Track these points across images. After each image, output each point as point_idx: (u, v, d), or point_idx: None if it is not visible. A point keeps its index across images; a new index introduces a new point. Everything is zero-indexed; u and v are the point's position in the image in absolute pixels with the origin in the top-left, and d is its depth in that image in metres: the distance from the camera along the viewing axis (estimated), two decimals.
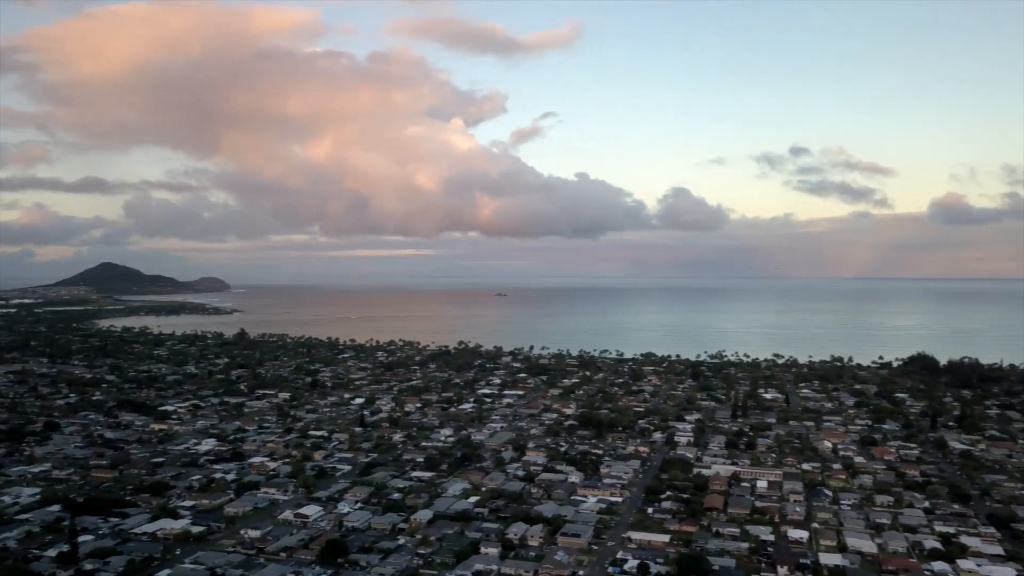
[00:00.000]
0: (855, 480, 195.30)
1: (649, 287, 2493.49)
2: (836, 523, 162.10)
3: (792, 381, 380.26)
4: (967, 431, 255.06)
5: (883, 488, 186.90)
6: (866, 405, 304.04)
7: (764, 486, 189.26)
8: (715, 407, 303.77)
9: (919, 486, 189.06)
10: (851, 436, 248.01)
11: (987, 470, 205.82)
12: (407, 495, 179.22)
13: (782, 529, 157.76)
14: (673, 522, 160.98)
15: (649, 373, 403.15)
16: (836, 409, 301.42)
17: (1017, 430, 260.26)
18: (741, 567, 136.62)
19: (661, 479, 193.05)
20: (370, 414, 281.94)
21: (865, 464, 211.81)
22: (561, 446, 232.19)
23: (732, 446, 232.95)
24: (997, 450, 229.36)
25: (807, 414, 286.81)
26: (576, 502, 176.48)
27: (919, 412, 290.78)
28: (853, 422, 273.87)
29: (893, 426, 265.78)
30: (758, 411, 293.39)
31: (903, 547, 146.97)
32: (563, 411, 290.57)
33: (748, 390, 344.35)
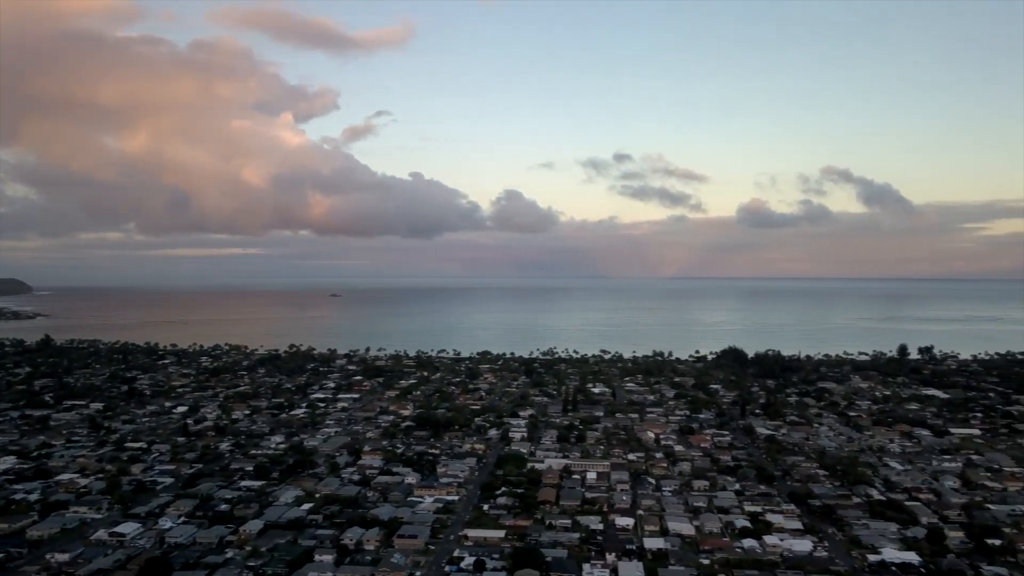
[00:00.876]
0: (675, 467, 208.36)
1: (485, 287, 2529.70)
2: (659, 509, 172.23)
3: (618, 376, 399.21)
4: (771, 417, 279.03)
5: (700, 473, 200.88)
6: (684, 396, 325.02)
7: (593, 477, 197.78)
8: (547, 402, 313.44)
9: (731, 470, 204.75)
10: (671, 426, 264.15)
11: (788, 452, 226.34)
12: (235, 506, 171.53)
13: (610, 518, 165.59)
14: (508, 517, 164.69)
15: (485, 371, 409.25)
16: (658, 401, 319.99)
17: (813, 415, 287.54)
18: (573, 557, 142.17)
19: (497, 475, 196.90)
20: (194, 422, 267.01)
21: (684, 452, 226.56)
22: (398, 448, 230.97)
23: (563, 440, 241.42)
24: (796, 434, 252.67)
25: (632, 407, 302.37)
26: (413, 503, 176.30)
27: (731, 401, 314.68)
28: (673, 413, 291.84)
29: (708, 415, 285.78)
30: (587, 405, 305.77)
31: (718, 527, 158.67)
32: (400, 412, 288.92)
33: (578, 385, 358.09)
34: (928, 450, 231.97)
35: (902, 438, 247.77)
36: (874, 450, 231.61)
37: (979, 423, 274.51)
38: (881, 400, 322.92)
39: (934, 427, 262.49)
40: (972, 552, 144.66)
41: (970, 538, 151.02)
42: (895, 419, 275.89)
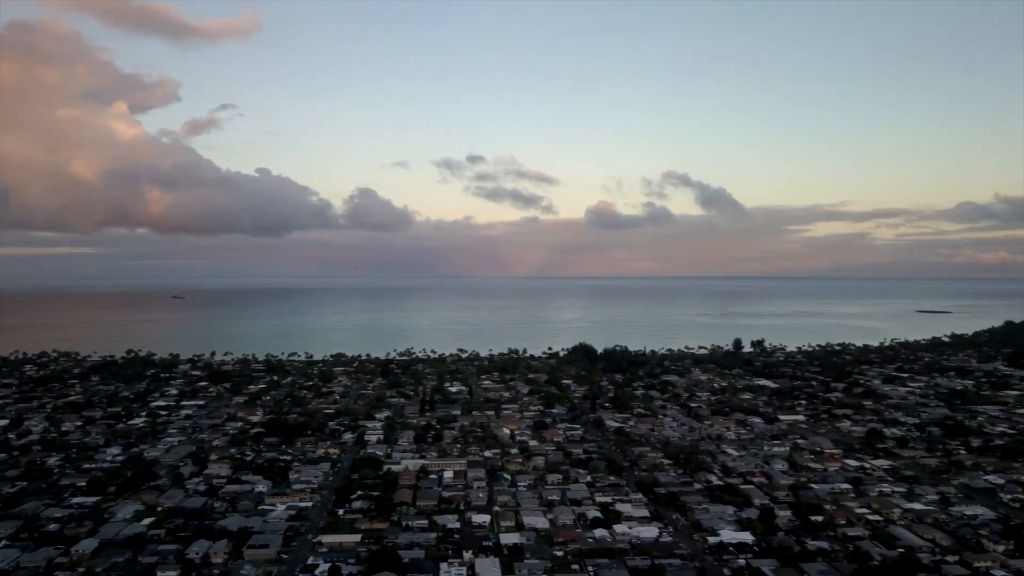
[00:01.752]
0: (530, 462, 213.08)
1: (339, 287, 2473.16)
2: (515, 504, 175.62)
3: (475, 374, 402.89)
4: (620, 410, 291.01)
5: (554, 467, 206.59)
6: (539, 392, 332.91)
7: (450, 476, 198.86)
8: (404, 403, 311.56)
9: (583, 463, 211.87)
10: (526, 422, 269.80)
11: (636, 443, 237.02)
12: (66, 525, 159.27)
13: (467, 516, 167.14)
14: (364, 521, 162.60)
15: (340, 374, 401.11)
16: (513, 398, 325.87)
17: (658, 407, 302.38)
18: (430, 556, 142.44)
19: (352, 479, 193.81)
20: (17, 437, 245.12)
21: (539, 447, 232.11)
22: (247, 455, 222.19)
23: (421, 440, 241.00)
24: (643, 425, 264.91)
25: (488, 404, 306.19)
26: (264, 512, 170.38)
27: (582, 396, 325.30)
28: (528, 409, 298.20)
29: (561, 410, 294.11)
30: (445, 404, 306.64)
31: (571, 520, 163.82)
32: (249, 418, 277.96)
33: (435, 385, 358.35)
34: (760, 436, 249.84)
35: (737, 426, 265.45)
36: (713, 438, 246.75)
37: (803, 409, 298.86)
38: (719, 391, 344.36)
39: (765, 415, 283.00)
40: (799, 529, 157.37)
41: (797, 516, 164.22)
42: (731, 408, 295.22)
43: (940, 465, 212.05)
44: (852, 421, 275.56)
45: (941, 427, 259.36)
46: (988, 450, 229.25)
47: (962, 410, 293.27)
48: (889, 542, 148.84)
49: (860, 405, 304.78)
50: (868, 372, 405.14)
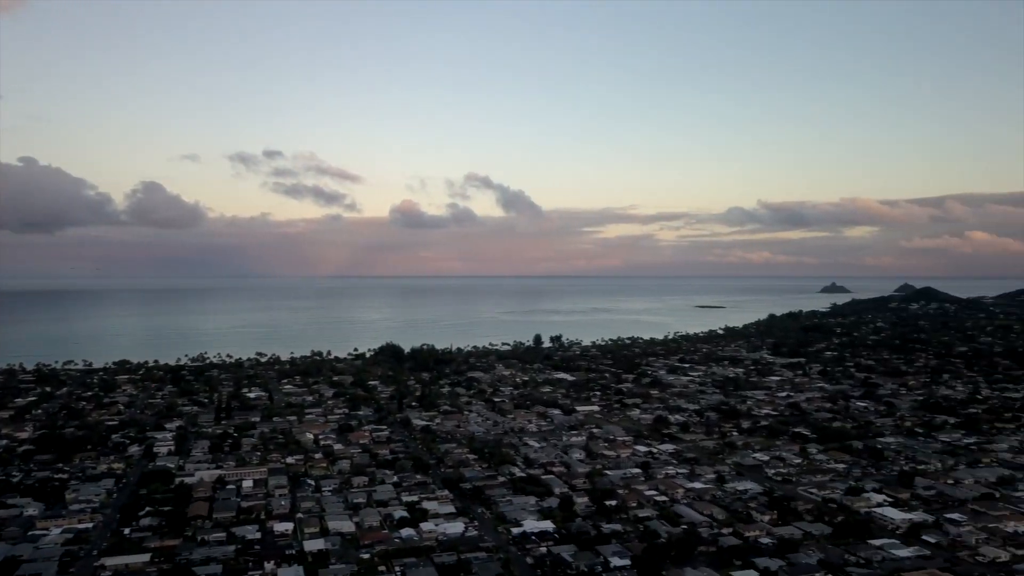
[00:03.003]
0: (335, 466, 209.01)
1: (121, 288, 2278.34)
2: (319, 510, 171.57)
3: (276, 378, 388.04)
4: (427, 409, 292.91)
5: (359, 470, 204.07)
6: (344, 395, 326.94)
7: (250, 485, 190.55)
8: (198, 411, 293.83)
9: (389, 463, 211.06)
10: (331, 425, 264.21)
11: (442, 441, 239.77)
12: None
13: (268, 525, 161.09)
14: (154, 539, 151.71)
15: (124, 382, 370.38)
16: (317, 401, 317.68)
17: (464, 403, 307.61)
18: (228, 570, 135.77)
19: (139, 495, 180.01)
20: None
21: (344, 450, 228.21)
22: (14, 476, 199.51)
23: (217, 449, 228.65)
24: (449, 422, 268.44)
25: (290, 409, 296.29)
26: (35, 537, 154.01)
27: (389, 396, 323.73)
28: (332, 412, 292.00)
29: (368, 411, 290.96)
30: (243, 411, 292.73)
31: (377, 521, 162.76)
32: (17, 435, 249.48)
33: (232, 391, 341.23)
34: (559, 427, 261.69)
35: (539, 418, 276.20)
36: (516, 431, 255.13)
37: (598, 400, 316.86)
38: (521, 385, 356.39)
39: (564, 406, 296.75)
40: (595, 514, 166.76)
41: (593, 502, 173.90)
42: (533, 402, 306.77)
43: (716, 446, 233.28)
44: (641, 409, 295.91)
45: (717, 412, 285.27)
46: (756, 431, 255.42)
47: (734, 395, 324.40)
48: (674, 520, 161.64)
49: (648, 394, 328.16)
50: (655, 363, 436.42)
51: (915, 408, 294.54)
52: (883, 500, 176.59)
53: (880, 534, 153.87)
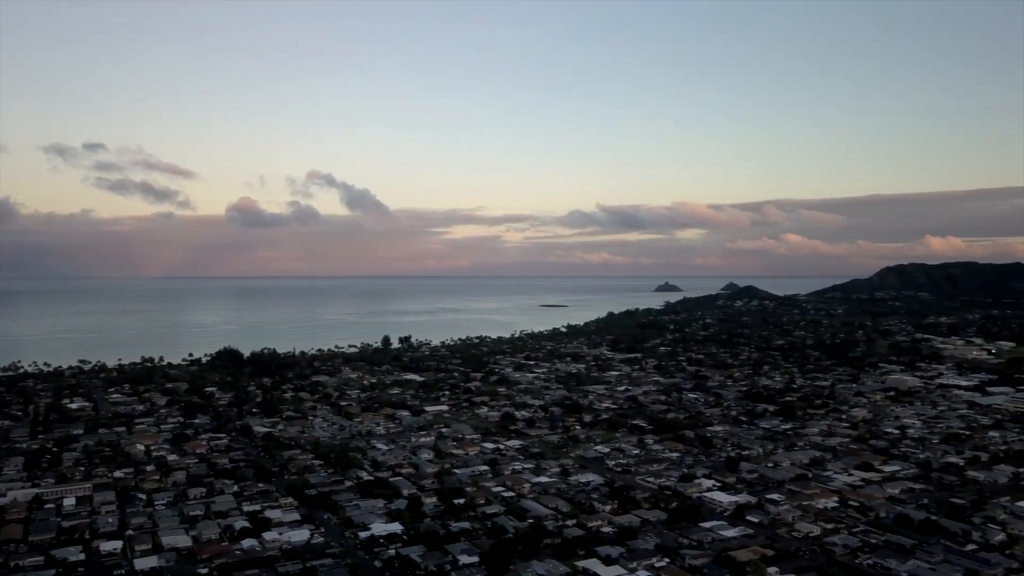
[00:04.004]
0: (169, 478, 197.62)
1: None
2: (152, 525, 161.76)
3: (101, 387, 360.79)
4: (268, 415, 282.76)
5: (196, 481, 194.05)
6: (178, 403, 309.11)
7: (72, 504, 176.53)
8: (11, 425, 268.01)
9: (229, 472, 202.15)
10: (164, 435, 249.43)
11: (285, 447, 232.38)
12: None
13: (94, 545, 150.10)
14: None
15: None
16: (149, 410, 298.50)
17: (308, 408, 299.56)
18: None
19: None
20: None
21: (179, 461, 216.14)
22: None
23: (33, 466, 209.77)
24: (293, 428, 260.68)
25: (118, 419, 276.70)
26: None
27: (228, 403, 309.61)
28: (166, 421, 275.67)
29: (205, 419, 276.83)
30: (63, 423, 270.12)
31: (216, 534, 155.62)
32: None
33: (51, 402, 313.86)
34: (408, 429, 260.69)
35: (387, 420, 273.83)
36: (363, 435, 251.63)
37: (447, 400, 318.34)
38: (369, 388, 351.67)
39: (412, 407, 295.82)
40: (444, 513, 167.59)
41: (442, 501, 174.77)
42: (381, 404, 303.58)
43: (561, 440, 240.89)
44: (489, 407, 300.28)
45: (561, 407, 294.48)
46: (597, 424, 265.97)
47: (577, 391, 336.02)
48: (521, 514, 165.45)
49: (496, 392, 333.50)
50: (502, 361, 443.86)
51: (740, 398, 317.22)
52: (712, 485, 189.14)
53: (710, 516, 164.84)
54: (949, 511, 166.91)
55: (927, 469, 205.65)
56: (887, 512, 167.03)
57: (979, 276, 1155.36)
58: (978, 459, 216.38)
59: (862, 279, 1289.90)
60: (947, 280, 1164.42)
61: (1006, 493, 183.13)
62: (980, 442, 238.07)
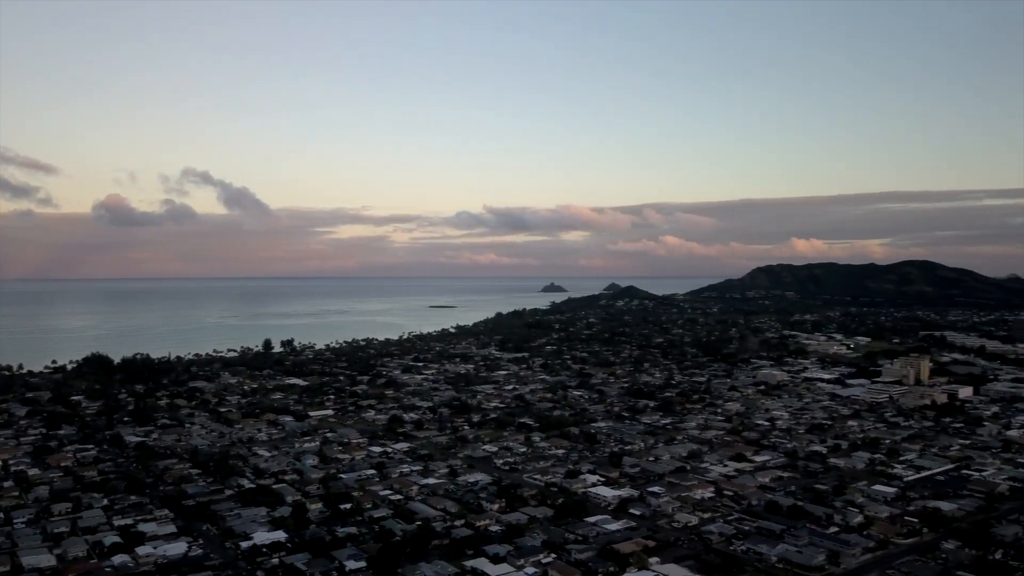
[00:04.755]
0: (30, 494, 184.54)
1: None
2: (10, 545, 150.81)
3: None
4: (141, 423, 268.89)
5: (61, 496, 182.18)
6: (40, 413, 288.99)
7: None
8: None
9: (98, 485, 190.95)
10: (24, 448, 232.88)
11: (160, 457, 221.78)
12: None
13: None
14: None
15: None
16: (7, 422, 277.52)
17: (185, 416, 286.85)
18: None
19: None
20: None
21: (41, 475, 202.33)
22: None
23: None
24: (169, 436, 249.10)
25: None
26: None
27: (96, 412, 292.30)
28: (26, 433, 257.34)
29: (70, 430, 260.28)
30: None
31: (83, 551, 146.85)
32: None
33: None
34: (291, 434, 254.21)
35: (269, 426, 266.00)
36: (244, 441, 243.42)
37: (332, 404, 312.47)
38: (250, 393, 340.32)
39: (296, 412, 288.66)
40: (330, 519, 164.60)
41: (327, 507, 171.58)
42: (262, 409, 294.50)
43: (449, 441, 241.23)
44: (376, 410, 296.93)
45: (449, 407, 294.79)
46: (485, 423, 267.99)
47: (465, 391, 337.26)
48: (409, 517, 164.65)
49: (383, 395, 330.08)
50: (390, 364, 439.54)
51: (622, 395, 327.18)
52: (597, 480, 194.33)
53: (595, 511, 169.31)
54: (814, 496, 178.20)
55: (794, 458, 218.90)
56: (759, 500, 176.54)
57: (839, 276, 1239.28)
58: (839, 447, 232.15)
59: (735, 279, 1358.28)
60: (811, 280, 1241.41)
61: (863, 478, 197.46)
62: (840, 431, 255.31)
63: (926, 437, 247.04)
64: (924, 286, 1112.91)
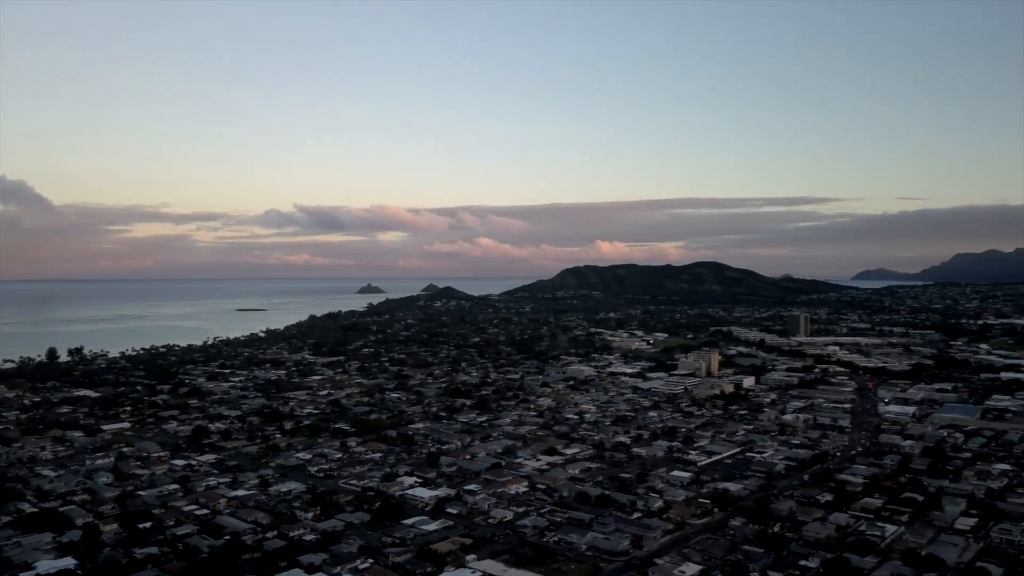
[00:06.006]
0: None
1: None
2: None
3: None
4: None
5: None
6: None
7: None
8: None
9: None
10: None
11: None
12: None
13: None
14: None
15: None
16: None
17: None
18: None
19: None
20: None
21: None
22: None
23: None
24: None
25: None
26: None
27: None
28: None
29: None
30: None
31: None
32: None
33: None
34: (82, 451, 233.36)
35: (55, 443, 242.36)
36: (25, 461, 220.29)
37: (129, 416, 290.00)
38: (31, 407, 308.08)
39: (87, 427, 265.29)
40: (127, 540, 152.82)
41: (124, 527, 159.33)
42: (47, 425, 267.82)
43: (260, 451, 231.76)
44: (179, 421, 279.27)
45: (260, 416, 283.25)
46: (299, 430, 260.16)
47: (277, 398, 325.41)
48: (217, 532, 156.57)
49: (186, 404, 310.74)
50: (193, 371, 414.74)
51: (440, 395, 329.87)
52: (414, 482, 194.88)
53: (412, 513, 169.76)
54: (619, 485, 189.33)
55: (601, 449, 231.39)
56: (569, 491, 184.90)
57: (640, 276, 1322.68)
58: (641, 437, 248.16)
59: (546, 279, 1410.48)
60: (615, 280, 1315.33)
61: (663, 465, 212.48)
62: (642, 422, 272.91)
63: (716, 424, 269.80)
64: (713, 285, 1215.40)
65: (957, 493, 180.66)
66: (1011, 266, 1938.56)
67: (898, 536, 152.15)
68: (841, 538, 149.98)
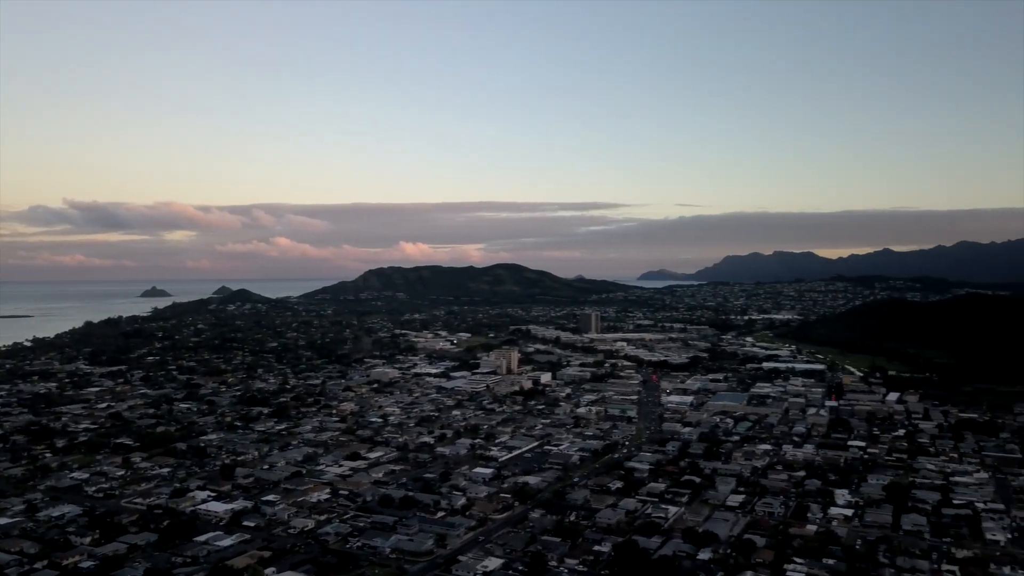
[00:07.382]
0: None
1: None
2: None
3: None
4: None
5: None
6: None
7: None
8: None
9: None
10: None
11: None
12: None
13: None
14: None
15: None
16: None
17: None
18: None
19: None
20: None
21: None
22: None
23: None
24: None
25: None
26: None
27: None
28: None
29: None
30: None
31: None
32: None
33: None
34: None
35: None
36: None
37: None
38: None
39: None
40: None
41: None
42: None
43: (26, 472, 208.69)
44: None
45: (26, 434, 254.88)
46: (74, 448, 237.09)
47: (47, 413, 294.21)
48: None
49: None
50: None
51: (234, 403, 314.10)
52: (207, 496, 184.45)
53: (205, 529, 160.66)
54: (423, 486, 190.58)
55: (405, 451, 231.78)
56: (373, 495, 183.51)
57: (444, 277, 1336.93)
58: (445, 436, 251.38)
59: (348, 281, 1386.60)
60: (419, 281, 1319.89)
61: (466, 462, 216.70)
62: (446, 421, 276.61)
63: (516, 420, 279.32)
64: (513, 286, 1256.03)
65: (728, 473, 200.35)
66: (771, 267, 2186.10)
67: (679, 516, 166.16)
68: (630, 522, 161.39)
